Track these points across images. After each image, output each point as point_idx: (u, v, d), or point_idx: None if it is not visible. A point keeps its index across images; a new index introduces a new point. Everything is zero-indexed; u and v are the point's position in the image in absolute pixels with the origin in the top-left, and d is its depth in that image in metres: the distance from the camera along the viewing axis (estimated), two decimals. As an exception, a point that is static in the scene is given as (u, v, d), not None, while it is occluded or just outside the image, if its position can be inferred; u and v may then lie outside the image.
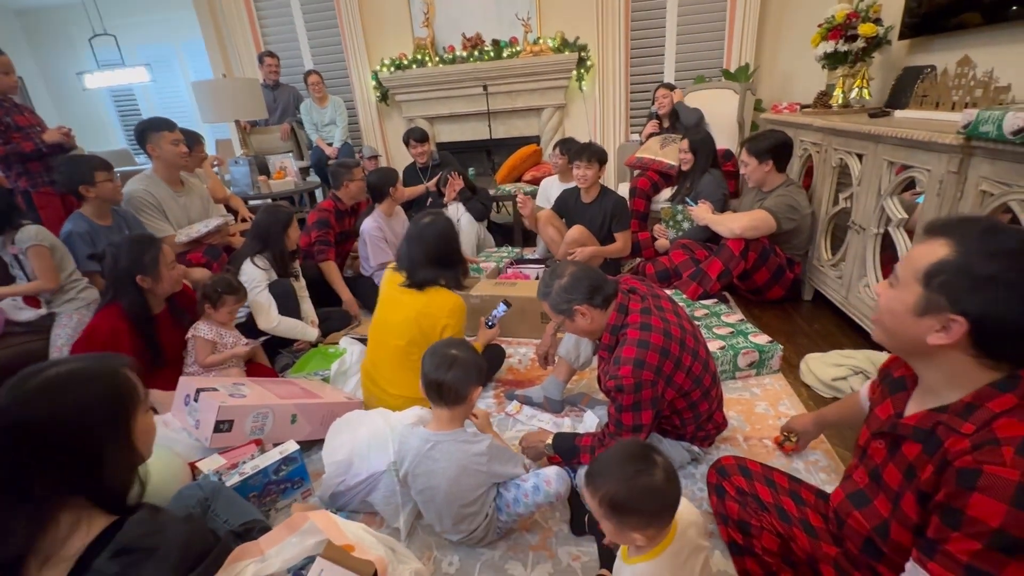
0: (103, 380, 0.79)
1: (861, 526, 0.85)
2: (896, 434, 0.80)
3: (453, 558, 1.30)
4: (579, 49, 4.08)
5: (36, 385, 0.74)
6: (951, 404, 0.73)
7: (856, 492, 0.88)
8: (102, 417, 0.77)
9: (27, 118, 2.54)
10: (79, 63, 5.70)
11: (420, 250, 1.70)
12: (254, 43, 4.59)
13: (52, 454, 0.73)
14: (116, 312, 1.70)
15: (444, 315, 1.69)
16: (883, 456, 0.84)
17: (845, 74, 2.51)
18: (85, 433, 0.75)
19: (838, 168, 2.24)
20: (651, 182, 3.20)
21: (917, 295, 0.72)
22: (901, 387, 0.87)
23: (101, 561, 0.69)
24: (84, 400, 0.75)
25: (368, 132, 4.67)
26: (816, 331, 2.26)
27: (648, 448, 0.87)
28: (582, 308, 1.30)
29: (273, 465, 1.43)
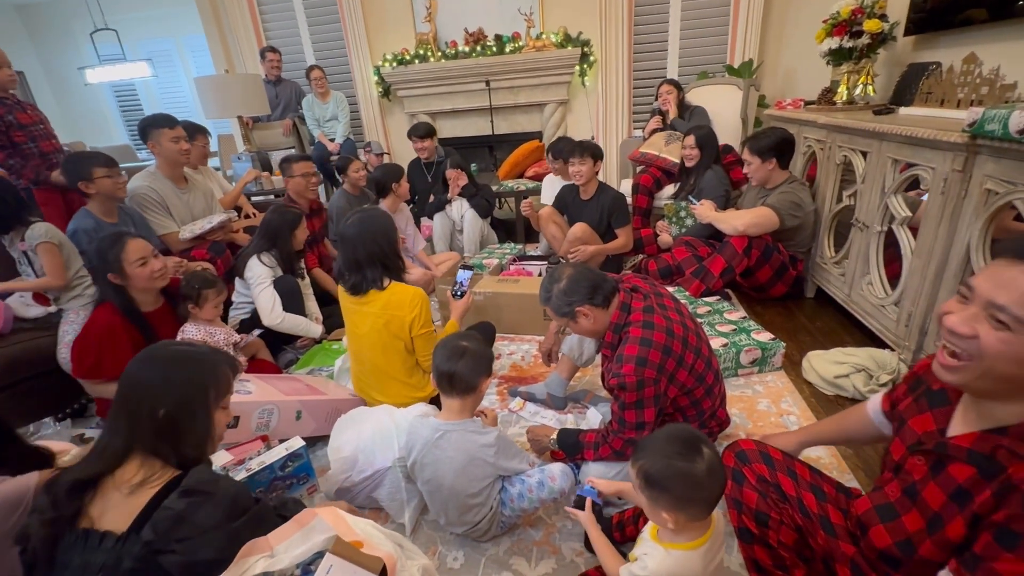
0: (207, 365, 0.95)
1: (882, 540, 0.83)
2: (943, 453, 0.77)
3: (458, 553, 1.32)
4: (582, 44, 4.06)
5: (164, 355, 0.94)
6: (1011, 427, 0.70)
7: (885, 505, 0.85)
8: (196, 393, 0.92)
9: (29, 115, 2.53)
10: (80, 58, 5.70)
11: (344, 253, 1.64)
12: (256, 38, 4.58)
13: (152, 411, 0.88)
14: (111, 308, 1.71)
15: (406, 309, 1.62)
16: (923, 474, 0.80)
17: (850, 70, 2.50)
18: (182, 401, 0.90)
19: (842, 165, 2.23)
20: (654, 178, 3.20)
21: None
22: (943, 401, 0.83)
23: (172, 499, 0.83)
24: (190, 375, 0.92)
25: (370, 127, 4.66)
26: (818, 328, 2.27)
27: (700, 438, 0.86)
28: (584, 308, 1.31)
29: (279, 461, 1.44)
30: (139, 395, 0.89)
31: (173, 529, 0.81)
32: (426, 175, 3.49)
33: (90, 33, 5.19)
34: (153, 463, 0.88)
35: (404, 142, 4.70)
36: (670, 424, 0.95)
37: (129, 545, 0.80)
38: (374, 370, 1.72)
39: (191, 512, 0.82)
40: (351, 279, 1.64)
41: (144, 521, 0.81)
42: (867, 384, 1.77)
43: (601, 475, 1.37)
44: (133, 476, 0.85)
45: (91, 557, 0.79)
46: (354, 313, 1.69)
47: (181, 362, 0.93)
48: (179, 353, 0.95)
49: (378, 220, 1.66)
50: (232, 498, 0.88)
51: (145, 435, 0.88)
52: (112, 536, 0.80)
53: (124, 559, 0.79)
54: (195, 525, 0.82)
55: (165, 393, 0.89)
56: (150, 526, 0.80)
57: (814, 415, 1.72)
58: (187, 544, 0.81)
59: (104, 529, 0.81)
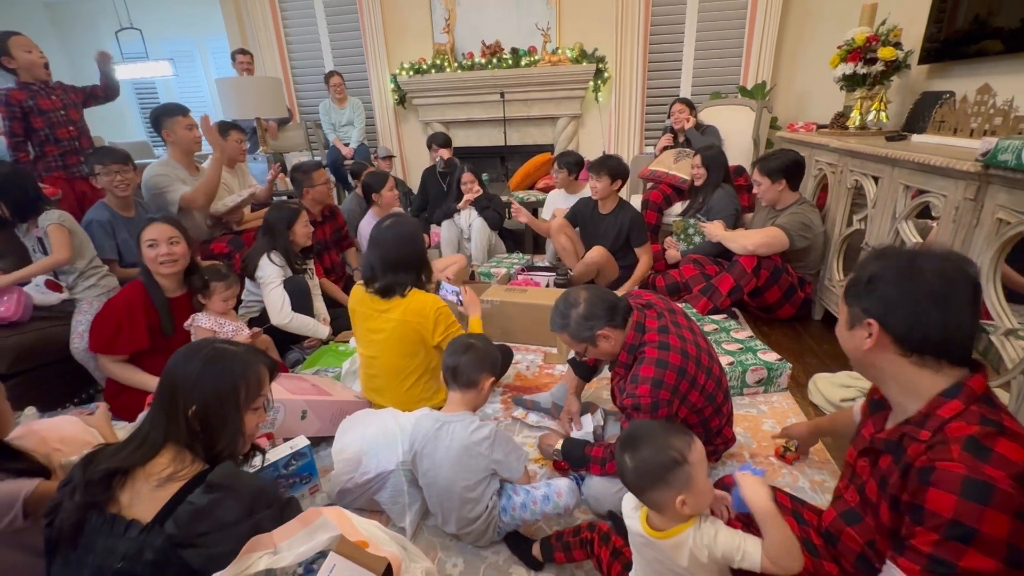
0: (240, 365, 0.96)
1: (854, 542, 0.88)
2: (874, 448, 0.86)
3: (457, 560, 1.31)
4: (597, 60, 4.12)
5: (202, 352, 0.95)
6: (912, 416, 0.80)
7: (848, 511, 0.91)
8: (227, 392, 0.94)
9: (52, 101, 2.56)
10: (104, 55, 5.81)
11: (379, 255, 1.66)
12: (277, 43, 4.67)
13: (185, 407, 0.91)
14: (137, 287, 1.75)
15: (431, 313, 1.64)
16: (867, 472, 0.88)
17: (863, 96, 2.52)
18: (213, 399, 0.92)
19: (853, 189, 2.25)
20: (663, 195, 3.22)
21: (845, 313, 0.86)
22: (880, 408, 0.92)
23: (196, 494, 0.85)
24: (222, 373, 0.94)
25: (384, 134, 4.72)
26: (825, 351, 2.26)
27: (639, 439, 0.91)
28: (605, 331, 1.28)
29: (284, 459, 1.45)
30: (175, 390, 0.91)
31: (194, 523, 0.82)
32: (441, 184, 3.52)
33: (115, 32, 5.31)
34: (184, 456, 0.90)
35: (417, 149, 4.78)
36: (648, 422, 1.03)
37: (152, 536, 0.81)
38: (390, 371, 1.72)
39: (212, 507, 0.83)
40: (383, 281, 1.66)
41: (168, 514, 0.82)
42: (873, 409, 1.77)
43: (604, 491, 1.37)
44: (164, 468, 0.86)
45: (115, 543, 0.81)
46: (370, 317, 1.70)
47: (216, 360, 0.95)
48: (216, 352, 0.96)
49: (412, 227, 1.73)
50: (254, 494, 0.89)
51: (180, 430, 0.90)
52: (137, 525, 0.81)
53: (146, 550, 0.80)
54: (216, 520, 0.83)
55: (197, 390, 0.91)
56: (173, 520, 0.81)
57: (819, 438, 1.71)
58: (208, 538, 0.82)
59: (131, 517, 0.82)
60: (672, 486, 0.86)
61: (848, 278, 0.86)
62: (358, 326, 1.77)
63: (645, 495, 0.90)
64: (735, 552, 0.86)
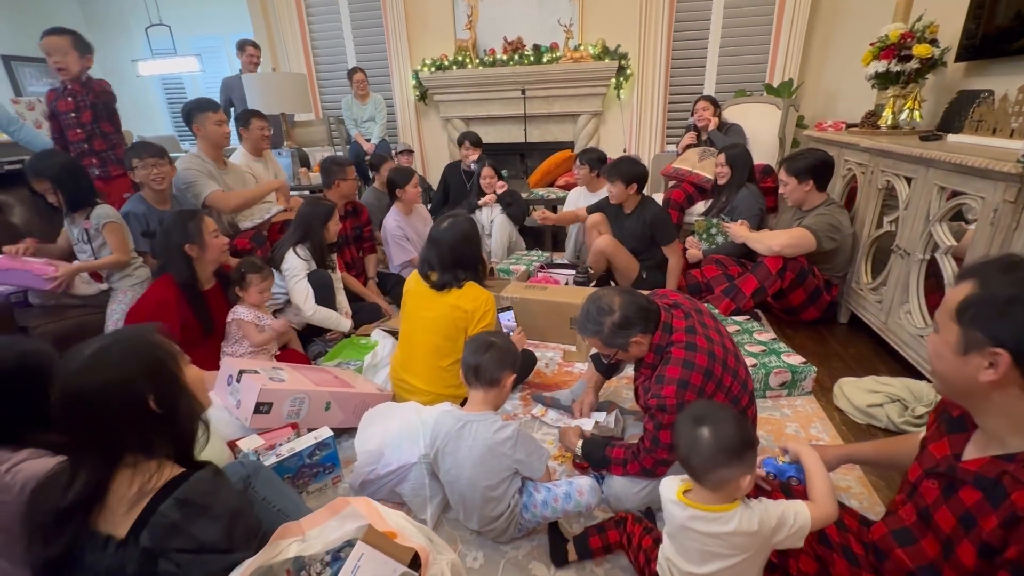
0: (140, 348, 0.87)
1: (904, 564, 0.83)
2: (954, 477, 0.78)
3: (477, 554, 1.32)
4: (619, 57, 4.08)
5: (82, 363, 0.82)
6: (1019, 453, 0.71)
7: (902, 529, 0.86)
8: (151, 378, 0.86)
9: (67, 103, 2.57)
10: (134, 51, 5.96)
11: (439, 252, 1.74)
12: (301, 39, 4.73)
13: (118, 416, 0.83)
14: (166, 283, 1.80)
15: (481, 306, 1.73)
16: (935, 497, 0.81)
17: (896, 95, 2.45)
18: (138, 394, 0.84)
19: (884, 190, 2.19)
20: (685, 194, 3.18)
21: (956, 334, 0.74)
22: (960, 427, 0.85)
23: (167, 506, 0.81)
24: (128, 367, 0.84)
25: (405, 130, 4.75)
26: (851, 355, 2.21)
27: (706, 418, 0.92)
28: (637, 338, 1.26)
29: (308, 449, 1.47)
30: (97, 408, 0.82)
31: (169, 538, 0.80)
32: (465, 180, 3.53)
33: (145, 28, 5.43)
34: (146, 466, 0.84)
35: (436, 145, 4.80)
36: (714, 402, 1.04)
37: (130, 550, 0.79)
38: (427, 351, 1.77)
39: (187, 524, 0.81)
40: (443, 277, 1.74)
41: (142, 525, 0.80)
42: (902, 415, 1.73)
43: (626, 491, 1.36)
44: (129, 489, 0.81)
45: (98, 559, 0.80)
46: (424, 296, 1.78)
47: (118, 352, 0.85)
48: (105, 346, 0.85)
49: (468, 226, 1.79)
50: (231, 513, 0.86)
51: (120, 445, 0.83)
52: (114, 541, 0.80)
53: (127, 564, 0.79)
54: (191, 537, 0.81)
55: (118, 396, 0.82)
56: (147, 532, 0.79)
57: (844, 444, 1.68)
58: (185, 557, 0.80)
59: (107, 532, 0.80)
60: (744, 464, 0.88)
61: (966, 296, 0.73)
62: (409, 304, 1.84)
63: (716, 471, 0.88)
64: (788, 516, 0.88)
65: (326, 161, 2.67)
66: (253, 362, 1.73)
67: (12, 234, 2.38)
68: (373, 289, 2.79)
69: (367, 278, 2.84)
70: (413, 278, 1.84)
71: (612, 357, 1.34)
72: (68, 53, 2.47)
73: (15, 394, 1.01)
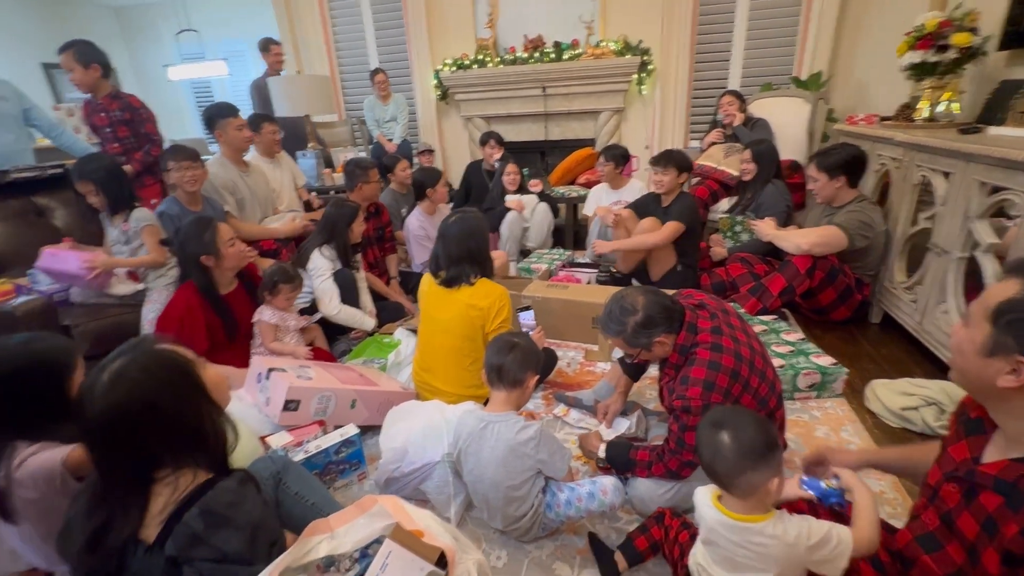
0: (158, 362, 0.87)
1: (932, 572, 0.81)
2: (973, 481, 0.77)
3: (501, 552, 1.33)
4: (642, 53, 4.02)
5: (103, 384, 0.82)
6: None
7: (926, 535, 0.84)
8: (173, 390, 0.86)
9: (102, 119, 2.66)
10: (165, 56, 6.14)
11: (446, 247, 1.75)
12: (324, 40, 4.80)
13: (145, 433, 0.84)
14: (191, 290, 1.84)
15: (496, 302, 1.73)
16: (957, 501, 0.80)
17: (932, 86, 2.36)
18: (162, 408, 0.84)
19: (920, 186, 2.11)
20: (710, 191, 3.13)
21: (986, 334, 0.71)
22: (978, 430, 0.83)
23: (190, 515, 0.81)
24: (149, 383, 0.84)
25: (426, 130, 4.78)
26: (884, 356, 2.15)
27: (727, 424, 0.91)
28: (661, 338, 1.26)
29: (335, 446, 1.50)
30: (124, 427, 0.82)
31: (192, 548, 0.81)
32: (487, 179, 3.54)
33: (176, 33, 5.60)
34: (180, 479, 0.85)
35: (457, 144, 4.82)
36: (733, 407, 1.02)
37: (155, 557, 0.81)
38: (446, 353, 1.78)
39: (209, 534, 0.81)
40: (450, 273, 1.75)
41: (168, 533, 0.81)
42: (938, 419, 1.67)
43: (650, 492, 1.35)
44: (164, 498, 0.83)
45: (134, 563, 0.82)
46: (439, 298, 1.79)
47: (136, 369, 0.84)
48: (124, 365, 0.84)
49: (477, 222, 1.79)
50: (254, 525, 0.86)
51: (152, 461, 0.85)
52: (143, 545, 0.82)
53: (154, 570, 0.81)
54: (214, 547, 0.82)
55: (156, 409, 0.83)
56: (172, 541, 0.80)
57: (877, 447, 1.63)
58: (207, 566, 0.81)
59: (140, 538, 0.82)
60: (771, 466, 0.86)
61: (1009, 298, 0.69)
62: (425, 307, 1.85)
63: (742, 476, 0.87)
64: (832, 536, 0.85)
65: (349, 164, 2.70)
66: (281, 360, 1.77)
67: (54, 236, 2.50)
68: (395, 288, 2.82)
69: (389, 277, 2.88)
70: (426, 280, 1.85)
71: (635, 357, 1.33)
72: (74, 67, 2.51)
73: (32, 390, 1.05)
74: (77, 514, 0.86)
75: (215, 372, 0.97)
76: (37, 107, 2.79)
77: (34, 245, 2.11)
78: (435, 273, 1.80)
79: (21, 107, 2.71)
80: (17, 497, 1.05)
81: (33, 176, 2.48)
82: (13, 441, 1.07)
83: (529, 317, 1.93)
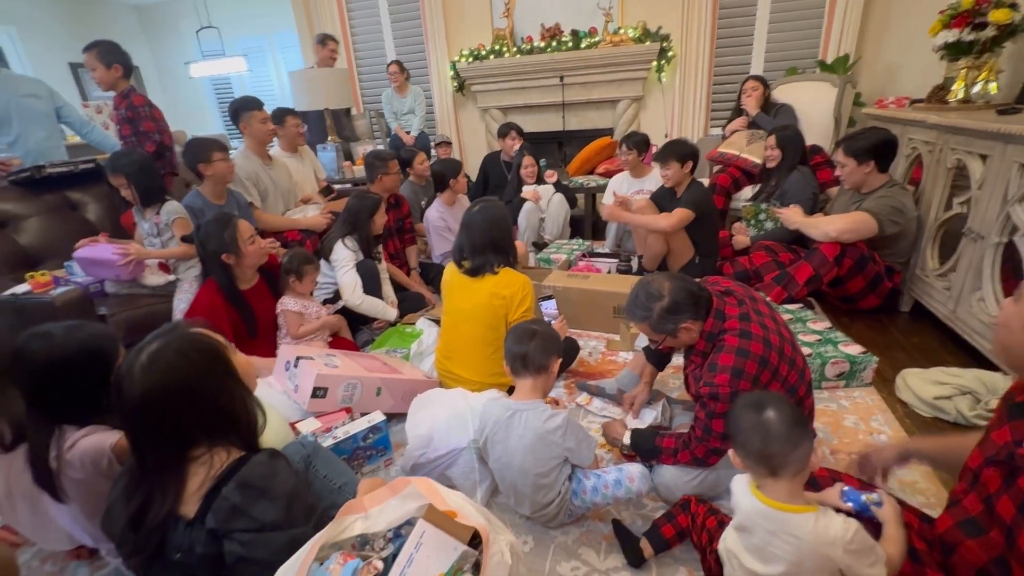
0: (192, 345, 0.90)
1: (976, 557, 0.80)
2: (1013, 464, 0.76)
3: (527, 537, 1.34)
4: (661, 39, 3.95)
5: (140, 367, 0.85)
6: None
7: (968, 520, 0.83)
8: (207, 372, 0.90)
9: (113, 116, 2.71)
10: (186, 53, 6.24)
11: (470, 237, 1.75)
12: (342, 34, 4.82)
13: (182, 413, 0.87)
14: (213, 287, 1.88)
15: (519, 291, 1.73)
16: (998, 485, 0.79)
17: (968, 66, 2.27)
18: (197, 389, 0.88)
19: (954, 169, 2.05)
20: (732, 179, 3.07)
21: None
22: (1021, 414, 0.81)
23: (228, 489, 0.85)
24: (184, 365, 0.87)
25: (443, 121, 4.78)
26: (915, 345, 2.10)
27: (770, 402, 0.90)
28: (687, 324, 1.25)
29: (362, 432, 1.53)
30: (162, 409, 0.85)
31: (233, 519, 0.83)
32: (505, 171, 3.54)
33: (196, 31, 5.68)
34: (215, 457, 0.89)
35: (474, 136, 4.81)
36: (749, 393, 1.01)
37: (197, 531, 0.84)
38: (469, 342, 1.80)
39: (248, 505, 0.84)
40: (474, 262, 1.76)
41: (207, 507, 0.84)
42: (973, 409, 1.62)
43: (676, 479, 1.35)
44: (201, 476, 0.86)
45: (175, 538, 0.85)
46: (462, 287, 1.79)
47: (171, 352, 0.87)
48: (159, 348, 0.87)
49: (500, 211, 1.79)
50: (290, 495, 0.89)
51: (189, 441, 0.87)
52: (184, 520, 0.85)
53: (196, 544, 0.84)
54: (253, 518, 0.84)
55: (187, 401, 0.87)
56: (212, 514, 0.83)
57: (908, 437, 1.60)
58: (248, 536, 0.84)
59: (180, 513, 0.86)
60: (810, 441, 0.88)
61: None
62: (448, 296, 1.86)
63: (798, 448, 0.86)
64: (879, 551, 0.85)
65: (369, 156, 2.72)
66: (308, 349, 1.81)
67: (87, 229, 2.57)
68: (416, 279, 2.84)
69: (410, 268, 2.90)
70: (450, 269, 1.86)
71: (660, 343, 1.33)
72: (96, 67, 2.55)
73: (80, 376, 1.10)
74: (118, 496, 0.90)
75: (243, 358, 1.00)
76: (68, 105, 2.87)
77: (69, 238, 2.18)
78: (459, 262, 1.81)
79: (54, 105, 2.79)
80: (66, 477, 1.09)
81: (67, 171, 2.55)
82: (61, 425, 1.12)
83: (551, 307, 1.94)
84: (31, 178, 2.44)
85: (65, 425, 1.12)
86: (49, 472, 1.09)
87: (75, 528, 1.18)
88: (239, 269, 1.92)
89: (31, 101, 2.70)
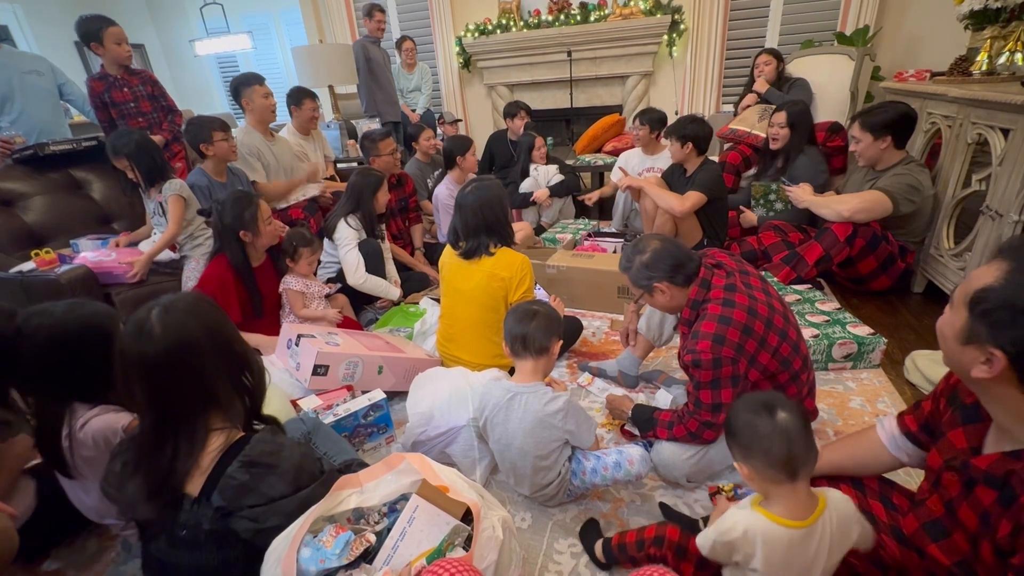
0: (197, 310, 0.90)
1: (942, 559, 0.78)
2: (968, 475, 0.74)
3: (526, 515, 1.35)
4: (672, 11, 3.83)
5: (144, 331, 0.84)
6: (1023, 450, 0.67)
7: (932, 522, 0.81)
8: (213, 336, 0.90)
9: (124, 94, 2.67)
10: (191, 31, 6.18)
11: (463, 218, 1.72)
12: (347, 10, 4.73)
13: (189, 377, 0.86)
14: (224, 263, 1.88)
15: (517, 271, 1.70)
16: (958, 491, 0.77)
17: (994, 35, 2.17)
18: (204, 352, 0.88)
19: (974, 144, 1.97)
20: (742, 156, 2.99)
21: (963, 321, 0.68)
22: (975, 418, 0.78)
23: (234, 468, 0.85)
24: (190, 328, 0.87)
25: (449, 98, 4.71)
26: (926, 327, 2.05)
27: (778, 402, 0.83)
28: (661, 285, 1.28)
29: (363, 410, 1.54)
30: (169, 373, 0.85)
31: (241, 497, 0.84)
32: (511, 150, 3.48)
33: (200, 8, 5.60)
34: (228, 434, 0.89)
35: (481, 113, 4.74)
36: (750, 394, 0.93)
37: (203, 508, 0.85)
38: (470, 324, 1.78)
39: (256, 482, 0.85)
40: (468, 244, 1.73)
41: (212, 486, 0.84)
42: (984, 391, 1.59)
43: (674, 456, 1.34)
44: (208, 463, 0.86)
45: (183, 515, 0.86)
46: (460, 269, 1.77)
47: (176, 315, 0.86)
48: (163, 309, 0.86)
49: (494, 190, 1.74)
50: (296, 467, 0.90)
51: (196, 405, 0.87)
52: (190, 498, 0.86)
53: (203, 521, 0.85)
54: (262, 494, 0.85)
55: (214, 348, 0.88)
56: (218, 493, 0.84)
57: (916, 419, 1.58)
58: (257, 511, 0.85)
59: (186, 491, 0.86)
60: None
61: (986, 286, 0.65)
62: (446, 278, 1.84)
63: (814, 447, 0.82)
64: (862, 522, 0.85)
65: (363, 138, 2.68)
66: (310, 327, 1.81)
67: (93, 209, 2.58)
68: (420, 259, 2.83)
69: (414, 248, 2.89)
70: (447, 252, 1.82)
71: (639, 298, 1.39)
72: (122, 40, 2.57)
73: (84, 353, 1.10)
74: (127, 464, 0.89)
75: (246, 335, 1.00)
76: (71, 82, 2.86)
77: (73, 216, 2.19)
78: (454, 245, 1.78)
79: (56, 82, 2.78)
80: (77, 455, 1.11)
81: (70, 149, 2.55)
82: (71, 403, 1.13)
83: (538, 291, 1.92)
84: (35, 155, 2.44)
85: (76, 404, 1.13)
86: (59, 449, 1.10)
87: (82, 503, 1.21)
88: (252, 248, 1.93)
89: (33, 78, 2.69)
